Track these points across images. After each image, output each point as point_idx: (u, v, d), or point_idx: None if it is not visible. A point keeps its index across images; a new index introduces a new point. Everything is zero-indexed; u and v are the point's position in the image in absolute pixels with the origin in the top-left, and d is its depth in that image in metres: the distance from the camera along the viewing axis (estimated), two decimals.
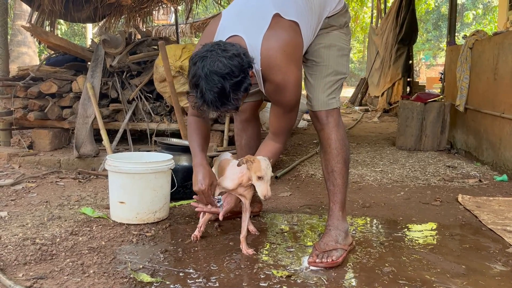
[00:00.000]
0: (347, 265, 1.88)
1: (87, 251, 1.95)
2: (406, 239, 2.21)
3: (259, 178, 1.85)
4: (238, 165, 1.89)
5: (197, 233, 2.10)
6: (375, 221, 2.49)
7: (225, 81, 1.62)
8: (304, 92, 2.12)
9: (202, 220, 2.11)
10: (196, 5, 6.81)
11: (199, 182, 1.91)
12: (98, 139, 3.70)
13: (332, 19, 2.01)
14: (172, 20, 10.00)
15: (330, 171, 2.01)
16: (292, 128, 1.98)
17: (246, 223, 2.00)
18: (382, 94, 9.19)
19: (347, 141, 2.05)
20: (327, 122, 2.00)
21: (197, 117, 2.03)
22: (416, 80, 11.16)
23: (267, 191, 1.85)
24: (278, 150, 2.01)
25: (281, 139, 2.00)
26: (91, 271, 1.75)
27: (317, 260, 1.85)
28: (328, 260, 1.84)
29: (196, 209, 2.00)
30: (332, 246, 1.90)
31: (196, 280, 1.70)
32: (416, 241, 2.18)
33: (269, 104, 2.45)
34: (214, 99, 1.63)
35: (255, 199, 2.50)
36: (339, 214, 2.00)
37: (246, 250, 1.95)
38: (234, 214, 2.34)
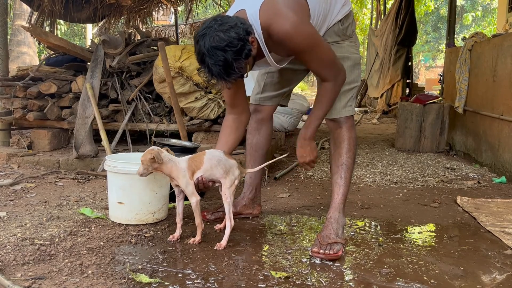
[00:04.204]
0: (346, 266, 1.89)
1: (85, 251, 1.95)
2: (404, 240, 2.21)
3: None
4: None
5: (198, 238, 2.10)
6: (373, 222, 2.49)
7: (226, 53, 1.75)
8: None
9: (200, 220, 2.10)
10: (196, 6, 6.82)
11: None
12: (97, 139, 3.71)
13: (344, 28, 2.15)
14: (172, 21, 10.01)
15: (340, 164, 2.15)
16: (332, 63, 2.00)
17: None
18: (382, 95, 9.19)
19: (357, 142, 2.22)
20: (344, 123, 2.16)
21: (231, 115, 2.20)
22: (416, 82, 11.18)
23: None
24: (328, 87, 2.03)
25: (327, 77, 2.02)
26: (90, 272, 1.75)
27: (321, 251, 1.94)
28: (331, 252, 1.93)
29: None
30: (333, 239, 1.99)
31: (195, 281, 1.70)
32: (415, 243, 2.18)
33: (279, 108, 2.52)
34: (220, 71, 1.78)
35: (255, 201, 2.51)
36: (340, 206, 2.12)
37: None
38: (235, 215, 2.34)
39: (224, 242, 2.02)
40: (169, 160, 2.03)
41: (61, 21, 8.24)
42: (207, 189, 2.13)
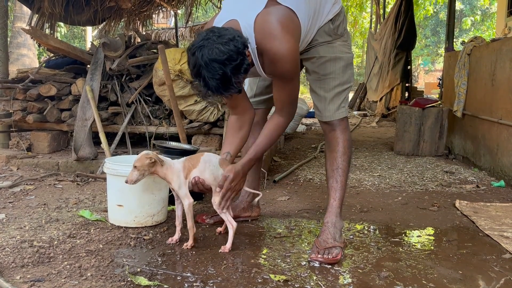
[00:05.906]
0: (345, 269, 1.89)
1: (84, 254, 1.95)
2: (403, 244, 2.21)
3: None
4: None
5: (191, 242, 2.09)
6: (372, 226, 2.50)
7: (226, 66, 1.70)
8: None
9: (192, 223, 2.10)
10: (196, 8, 6.84)
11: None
12: (96, 142, 3.71)
13: (335, 27, 2.11)
14: (172, 24, 10.04)
15: (335, 168, 2.13)
16: (295, 100, 2.07)
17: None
18: (381, 99, 9.21)
19: (352, 144, 2.20)
20: (338, 125, 2.14)
21: (234, 116, 2.18)
22: (415, 86, 11.21)
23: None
24: (281, 123, 2.07)
25: (285, 113, 2.06)
26: (89, 274, 1.75)
27: (319, 256, 1.93)
28: (329, 256, 1.92)
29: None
30: (331, 243, 1.98)
31: (194, 284, 1.70)
32: (414, 246, 2.18)
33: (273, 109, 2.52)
34: (217, 85, 1.73)
35: (253, 204, 2.50)
36: (337, 210, 2.11)
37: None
38: (233, 218, 2.34)
39: (228, 245, 2.02)
40: (165, 162, 2.05)
41: (61, 24, 8.24)
42: (205, 192, 2.13)
